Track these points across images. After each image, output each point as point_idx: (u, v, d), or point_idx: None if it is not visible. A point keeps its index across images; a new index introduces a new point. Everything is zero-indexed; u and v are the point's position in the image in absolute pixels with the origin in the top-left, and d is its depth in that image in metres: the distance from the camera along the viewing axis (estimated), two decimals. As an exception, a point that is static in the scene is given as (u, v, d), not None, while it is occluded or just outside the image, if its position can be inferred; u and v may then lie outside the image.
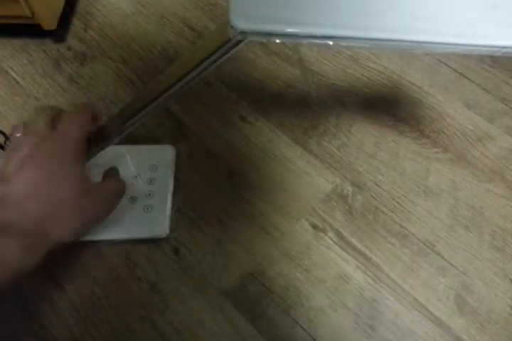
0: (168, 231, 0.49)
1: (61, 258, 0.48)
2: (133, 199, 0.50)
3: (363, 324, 0.45)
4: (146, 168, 0.52)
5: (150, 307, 0.46)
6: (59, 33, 0.64)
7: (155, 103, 0.36)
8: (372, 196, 0.52)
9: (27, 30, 0.62)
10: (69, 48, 0.63)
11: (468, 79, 0.60)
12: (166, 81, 0.35)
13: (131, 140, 0.55)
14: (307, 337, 0.45)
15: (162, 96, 0.36)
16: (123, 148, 0.52)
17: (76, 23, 0.66)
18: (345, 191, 0.52)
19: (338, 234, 0.50)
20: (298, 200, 0.52)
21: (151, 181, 0.51)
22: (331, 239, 0.49)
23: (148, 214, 0.49)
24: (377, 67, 0.61)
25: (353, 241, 0.49)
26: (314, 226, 0.50)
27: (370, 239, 0.49)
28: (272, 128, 0.56)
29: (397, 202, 0.51)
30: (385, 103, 0.58)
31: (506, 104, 0.58)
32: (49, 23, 0.60)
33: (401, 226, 0.50)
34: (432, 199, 0.52)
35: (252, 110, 0.58)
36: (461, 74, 0.61)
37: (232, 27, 0.28)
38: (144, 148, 0.54)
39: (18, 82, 0.61)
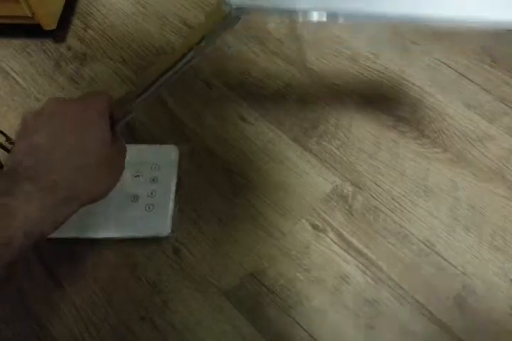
0: (169, 231, 0.49)
1: (62, 258, 0.48)
2: (135, 198, 0.50)
3: (363, 324, 0.45)
4: (148, 167, 0.52)
5: (150, 307, 0.46)
6: (59, 33, 0.64)
7: (160, 80, 0.36)
8: (372, 196, 0.52)
9: (27, 30, 0.63)
10: (69, 48, 0.64)
11: (469, 79, 0.60)
12: (168, 60, 0.35)
13: (133, 140, 0.55)
14: (307, 337, 0.45)
15: (166, 75, 0.36)
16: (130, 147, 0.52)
17: (76, 23, 0.66)
18: (345, 191, 0.52)
19: (339, 234, 0.50)
20: (298, 200, 0.52)
21: (153, 180, 0.51)
22: (331, 239, 0.49)
23: (150, 213, 0.49)
24: (377, 67, 0.61)
25: (353, 241, 0.49)
26: (314, 227, 0.50)
27: (370, 239, 0.49)
28: (272, 128, 0.56)
29: (397, 202, 0.51)
30: (385, 103, 0.58)
31: (506, 104, 0.58)
32: (49, 23, 0.60)
33: (401, 226, 0.50)
34: (432, 200, 0.52)
35: (252, 110, 0.58)
36: (461, 74, 0.61)
37: (227, 3, 0.28)
38: (147, 147, 0.54)
39: (18, 82, 0.61)
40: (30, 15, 0.56)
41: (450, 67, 0.61)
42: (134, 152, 0.52)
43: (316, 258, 0.48)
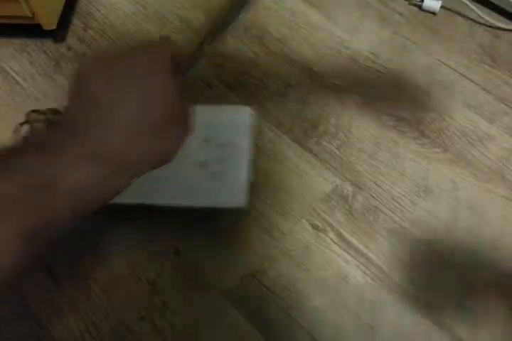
0: (245, 202, 0.44)
1: (62, 258, 0.48)
2: (203, 165, 0.45)
3: (363, 324, 0.45)
4: (219, 130, 0.46)
5: (150, 307, 0.46)
6: (59, 33, 0.63)
7: (221, 24, 0.33)
8: (372, 196, 0.52)
9: (27, 30, 0.62)
10: (69, 48, 0.63)
11: (469, 79, 0.60)
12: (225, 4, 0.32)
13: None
14: (307, 337, 0.45)
15: (228, 16, 0.33)
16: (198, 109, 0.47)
17: (76, 23, 0.66)
18: (345, 191, 0.52)
19: (339, 234, 0.50)
20: (298, 200, 0.52)
21: (224, 145, 0.46)
22: (331, 239, 0.49)
23: (221, 182, 0.44)
24: (377, 67, 0.61)
25: (353, 241, 0.49)
26: (314, 227, 0.50)
27: (371, 239, 0.49)
28: (272, 128, 0.56)
29: (397, 202, 0.51)
30: (385, 103, 0.58)
31: (506, 104, 0.58)
32: (49, 22, 0.60)
33: (401, 226, 0.50)
34: (432, 200, 0.52)
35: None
36: (461, 74, 0.60)
37: None
38: (218, 108, 0.48)
39: (18, 82, 0.61)
40: (30, 15, 0.56)
41: (450, 67, 0.61)
42: (203, 113, 0.43)
43: (316, 258, 0.48)
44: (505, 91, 0.59)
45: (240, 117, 0.48)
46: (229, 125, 0.47)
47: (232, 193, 0.44)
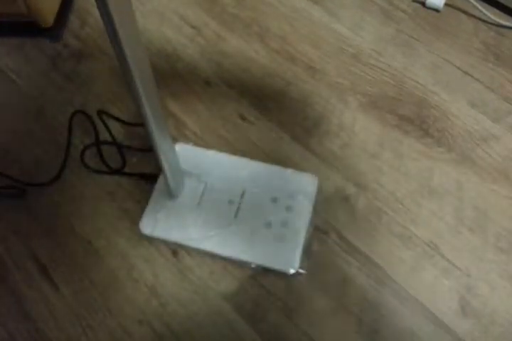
0: (296, 269, 0.46)
1: (59, 260, 0.48)
2: (268, 225, 0.47)
3: (366, 327, 0.45)
4: (285, 193, 0.49)
5: (148, 310, 0.45)
6: (56, 31, 0.62)
7: None
8: (375, 197, 0.51)
9: (23, 27, 0.61)
10: (65, 46, 0.62)
11: (473, 77, 0.59)
12: None
13: (133, 140, 0.54)
14: (308, 340, 0.44)
15: None
16: (266, 167, 0.51)
17: (73, 20, 0.65)
18: (347, 192, 0.51)
19: (341, 236, 0.49)
20: (299, 201, 0.51)
21: (288, 209, 0.48)
22: (334, 241, 0.49)
23: (279, 245, 0.46)
24: (380, 65, 0.60)
25: (356, 242, 0.48)
26: (316, 228, 0.49)
27: (373, 240, 0.49)
28: (273, 127, 0.56)
29: (401, 203, 0.51)
30: (388, 102, 0.57)
31: (510, 103, 0.57)
32: (45, 20, 0.59)
33: (405, 227, 0.49)
34: (436, 200, 0.51)
35: (252, 109, 0.57)
36: (465, 72, 0.60)
37: None
38: (288, 172, 0.51)
39: (13, 80, 0.60)
40: (26, 12, 0.56)
41: (454, 65, 0.60)
42: (275, 173, 0.50)
43: (317, 260, 0.48)
44: (509, 90, 0.58)
45: (306, 184, 0.50)
46: (296, 189, 0.49)
47: (285, 258, 0.46)
